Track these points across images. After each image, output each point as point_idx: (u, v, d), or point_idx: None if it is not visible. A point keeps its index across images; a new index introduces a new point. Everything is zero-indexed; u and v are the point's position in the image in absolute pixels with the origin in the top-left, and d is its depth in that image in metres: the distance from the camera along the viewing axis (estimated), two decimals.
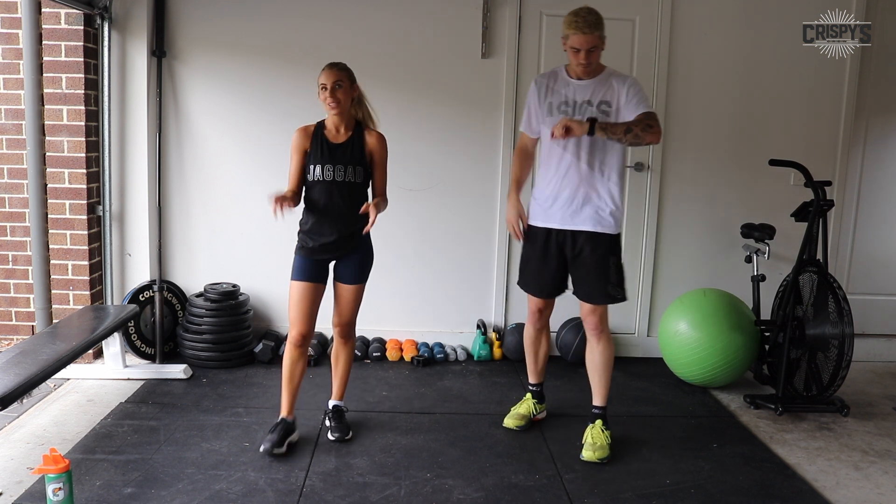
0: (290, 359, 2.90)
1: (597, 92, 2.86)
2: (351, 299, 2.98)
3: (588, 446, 2.94)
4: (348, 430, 3.07)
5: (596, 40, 2.77)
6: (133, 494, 2.53)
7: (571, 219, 2.90)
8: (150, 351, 3.93)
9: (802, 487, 2.76)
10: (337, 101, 2.78)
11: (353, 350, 3.14)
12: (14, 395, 2.49)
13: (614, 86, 2.86)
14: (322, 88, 2.78)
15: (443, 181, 4.14)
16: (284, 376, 2.93)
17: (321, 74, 2.80)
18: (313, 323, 2.90)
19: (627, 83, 2.85)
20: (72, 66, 3.69)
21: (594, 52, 2.80)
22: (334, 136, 2.86)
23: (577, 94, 2.88)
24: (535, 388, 3.28)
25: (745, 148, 4.18)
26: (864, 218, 4.41)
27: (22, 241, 4.05)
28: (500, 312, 4.26)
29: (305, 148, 2.84)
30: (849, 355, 3.35)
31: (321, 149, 2.83)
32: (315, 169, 2.81)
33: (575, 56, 2.81)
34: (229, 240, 4.12)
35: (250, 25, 3.97)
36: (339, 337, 3.06)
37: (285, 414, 2.95)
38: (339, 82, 2.78)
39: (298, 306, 2.86)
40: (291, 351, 2.89)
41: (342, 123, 2.86)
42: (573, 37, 2.77)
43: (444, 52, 4.03)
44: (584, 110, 2.85)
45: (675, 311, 3.79)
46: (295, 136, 2.86)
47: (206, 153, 4.05)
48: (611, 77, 2.89)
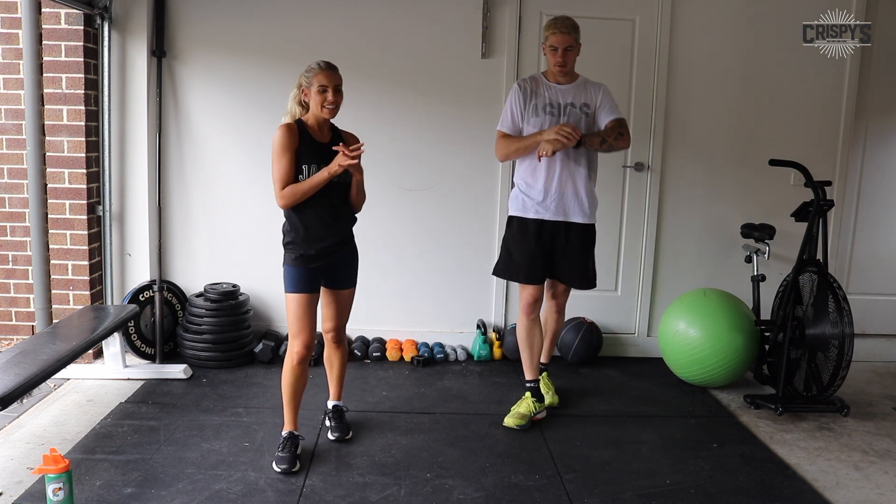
0: (294, 375, 2.80)
1: (578, 95, 3.19)
2: (347, 303, 2.97)
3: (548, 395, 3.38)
4: (348, 430, 3.08)
5: (571, 41, 3.11)
6: (133, 494, 2.53)
7: (563, 211, 3.19)
8: (150, 351, 3.93)
9: (802, 487, 2.76)
10: (338, 104, 2.73)
11: (346, 353, 3.11)
12: (14, 395, 2.50)
13: (590, 91, 3.21)
14: (321, 90, 2.67)
15: (443, 181, 4.14)
16: (288, 391, 2.82)
17: (317, 75, 2.68)
18: (315, 333, 2.82)
19: (602, 90, 3.22)
20: (72, 66, 3.69)
21: (570, 53, 3.13)
22: (319, 136, 2.76)
23: (560, 96, 3.19)
24: (532, 385, 3.31)
25: (745, 148, 4.18)
26: (864, 218, 4.41)
27: (22, 241, 4.05)
28: (500, 312, 4.26)
29: (296, 146, 2.69)
30: (849, 355, 3.35)
31: (312, 149, 2.71)
32: (310, 169, 2.69)
33: (553, 55, 3.14)
34: (229, 240, 4.12)
35: (250, 25, 3.97)
36: (332, 342, 3.04)
37: (292, 427, 2.86)
38: (339, 85, 2.72)
39: (304, 320, 2.76)
40: (296, 367, 2.78)
41: (327, 124, 2.79)
42: (552, 37, 3.12)
43: (444, 52, 4.03)
44: (568, 112, 3.17)
45: (675, 311, 3.79)
46: (282, 134, 2.67)
47: (207, 153, 4.06)
48: (586, 83, 3.24)
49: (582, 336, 4.07)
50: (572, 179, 3.16)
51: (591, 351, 4.11)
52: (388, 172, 4.10)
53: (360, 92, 4.02)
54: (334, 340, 3.03)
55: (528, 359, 3.30)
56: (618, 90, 4.08)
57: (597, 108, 3.19)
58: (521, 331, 3.30)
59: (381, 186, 4.11)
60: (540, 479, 2.76)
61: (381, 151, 4.10)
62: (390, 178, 4.11)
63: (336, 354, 3.07)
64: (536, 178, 3.18)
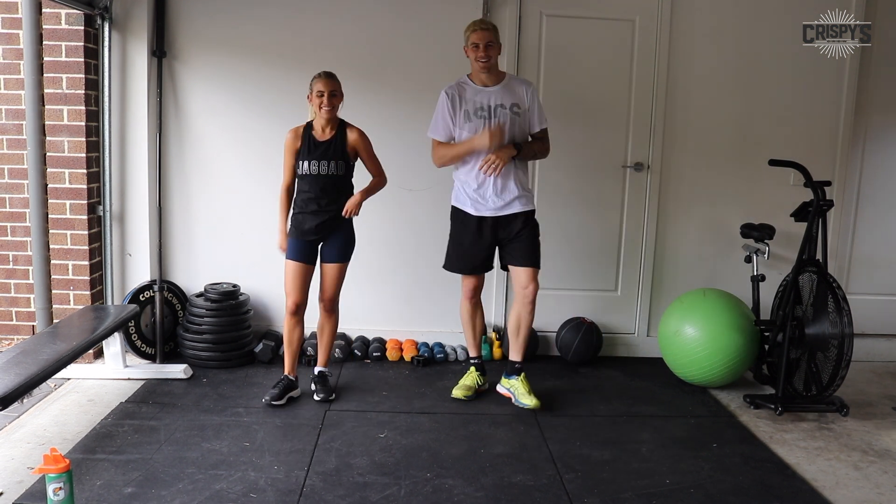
0: (289, 325, 3.41)
1: (506, 96, 3.34)
2: (335, 276, 3.41)
3: (525, 396, 3.42)
4: (332, 392, 3.47)
5: (492, 36, 3.29)
6: (133, 494, 2.53)
7: (500, 206, 3.35)
8: (151, 351, 3.94)
9: (802, 487, 2.76)
10: (332, 107, 3.24)
11: (337, 322, 3.52)
12: (14, 394, 2.50)
13: (517, 89, 3.36)
14: (318, 95, 3.22)
15: (442, 181, 4.13)
16: (285, 340, 3.44)
17: (316, 81, 3.24)
18: (306, 294, 3.39)
19: (530, 90, 3.38)
20: (72, 67, 3.70)
21: (491, 48, 3.28)
22: (320, 135, 3.30)
23: (490, 99, 3.32)
24: (476, 361, 3.65)
25: (745, 148, 4.18)
26: (863, 218, 4.40)
27: (22, 241, 4.05)
28: (500, 312, 4.27)
29: (297, 147, 3.30)
30: (848, 355, 3.35)
31: (308, 146, 3.28)
32: (304, 164, 3.28)
33: (475, 51, 3.29)
34: (229, 240, 4.13)
35: (251, 25, 3.97)
36: (324, 311, 3.47)
37: (288, 372, 3.46)
38: (334, 91, 3.24)
39: (294, 282, 3.35)
40: (289, 319, 3.39)
41: (328, 124, 3.29)
42: (473, 34, 3.29)
43: (444, 52, 4.02)
44: (499, 113, 3.31)
45: (674, 311, 3.80)
46: (288, 137, 3.32)
47: (207, 153, 4.06)
48: (511, 81, 3.39)
49: (582, 336, 4.08)
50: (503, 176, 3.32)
51: (591, 351, 4.11)
52: (388, 172, 4.08)
53: (360, 92, 4.02)
54: (325, 309, 3.47)
55: (470, 338, 3.64)
56: (618, 90, 4.12)
57: (527, 109, 3.35)
58: (463, 313, 3.62)
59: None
60: (540, 479, 2.76)
61: (381, 151, 4.09)
62: (391, 178, 4.08)
63: (327, 322, 3.49)
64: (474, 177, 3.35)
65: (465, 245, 3.46)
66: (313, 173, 3.27)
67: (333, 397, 3.45)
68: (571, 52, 4.05)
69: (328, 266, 3.40)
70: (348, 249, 3.42)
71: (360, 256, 4.19)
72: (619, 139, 4.16)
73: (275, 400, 3.32)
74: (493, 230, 3.40)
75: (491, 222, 3.39)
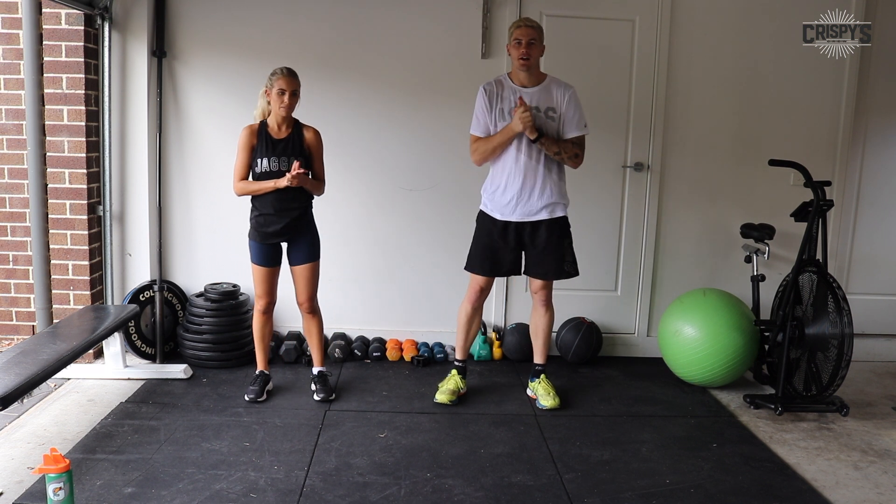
0: (259, 323, 3.45)
1: (542, 99, 3.25)
2: (309, 277, 3.39)
3: (545, 397, 3.43)
4: (332, 392, 3.47)
5: (535, 34, 3.21)
6: (133, 494, 2.53)
7: (529, 212, 3.29)
8: (151, 351, 3.94)
9: (802, 487, 2.76)
10: (291, 105, 3.22)
11: (321, 319, 3.52)
12: (15, 394, 2.50)
13: (555, 94, 3.27)
14: (280, 92, 3.18)
15: (443, 181, 4.14)
16: (257, 336, 3.47)
17: (279, 79, 3.18)
18: (276, 293, 3.43)
19: (568, 94, 3.27)
20: (72, 67, 3.70)
21: (534, 46, 3.21)
22: (276, 133, 3.27)
23: (526, 100, 3.20)
24: (461, 364, 3.59)
25: (745, 148, 4.18)
26: (863, 218, 4.40)
27: (22, 241, 4.05)
28: (500, 312, 4.27)
29: (252, 144, 3.25)
30: (848, 355, 3.35)
31: (265, 144, 3.24)
32: (262, 162, 3.23)
33: (516, 48, 3.21)
34: (229, 240, 4.12)
35: (250, 25, 3.97)
36: (305, 313, 3.48)
37: (262, 367, 3.51)
38: (296, 90, 3.22)
39: (263, 285, 3.38)
40: (259, 317, 3.44)
41: (284, 122, 3.27)
42: (517, 30, 3.22)
43: (444, 52, 4.03)
44: (533, 116, 3.18)
45: (674, 311, 3.80)
46: (243, 134, 3.26)
47: (207, 153, 4.06)
48: (551, 84, 3.29)
49: (582, 336, 4.08)
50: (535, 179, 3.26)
51: (591, 351, 4.11)
52: (388, 172, 4.11)
53: (360, 91, 4.04)
54: (307, 311, 3.47)
55: (462, 341, 3.57)
56: (618, 90, 4.12)
57: (562, 114, 3.26)
58: (461, 315, 3.53)
59: (381, 186, 4.12)
60: (540, 479, 2.76)
61: (381, 151, 4.10)
62: (390, 178, 4.12)
63: (312, 323, 3.50)
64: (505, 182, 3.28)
65: (484, 245, 3.39)
66: (273, 170, 3.22)
67: (333, 397, 3.46)
68: (571, 52, 4.05)
69: (301, 268, 3.37)
70: (316, 247, 3.39)
71: (360, 256, 4.21)
72: (619, 139, 4.16)
73: (258, 397, 3.39)
74: (516, 235, 3.34)
75: (514, 227, 3.33)
